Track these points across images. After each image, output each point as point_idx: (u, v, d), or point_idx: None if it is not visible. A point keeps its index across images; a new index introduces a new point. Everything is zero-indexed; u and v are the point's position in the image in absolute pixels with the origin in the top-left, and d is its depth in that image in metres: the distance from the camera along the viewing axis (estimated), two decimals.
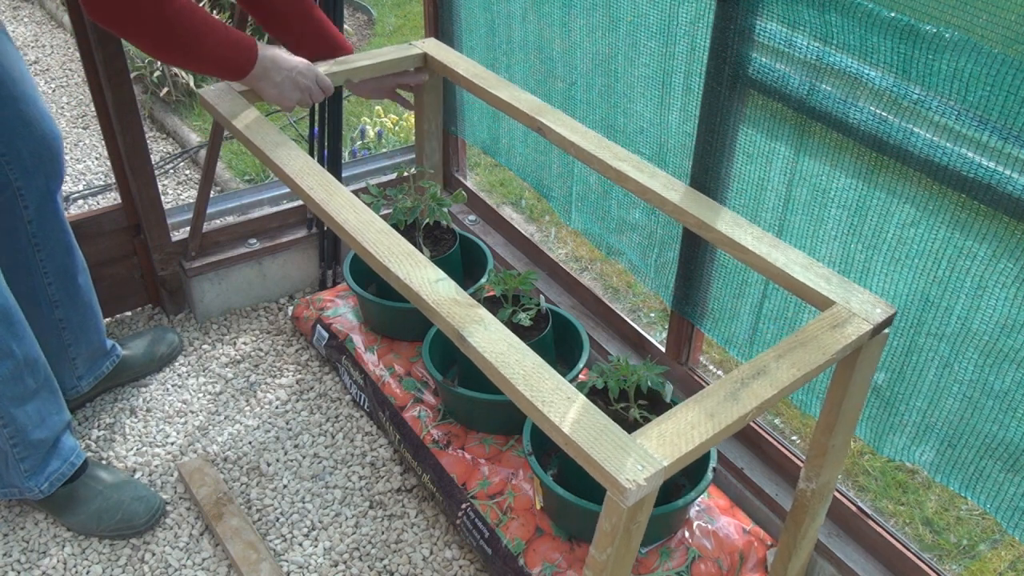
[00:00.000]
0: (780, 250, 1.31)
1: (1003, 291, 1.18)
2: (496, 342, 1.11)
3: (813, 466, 1.35)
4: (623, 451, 0.97)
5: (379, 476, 1.91)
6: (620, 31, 1.68)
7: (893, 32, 1.15)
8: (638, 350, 2.01)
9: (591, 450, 0.97)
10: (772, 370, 1.09)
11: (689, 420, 1.02)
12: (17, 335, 1.61)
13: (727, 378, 1.08)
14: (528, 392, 1.04)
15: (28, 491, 1.70)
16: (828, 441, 1.30)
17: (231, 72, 1.56)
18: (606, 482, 0.96)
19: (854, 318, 1.19)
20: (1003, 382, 1.23)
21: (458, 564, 1.73)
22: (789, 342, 1.14)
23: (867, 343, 1.20)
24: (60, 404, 1.73)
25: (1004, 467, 1.27)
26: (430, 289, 1.20)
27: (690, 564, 1.57)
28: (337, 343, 2.11)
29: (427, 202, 2.02)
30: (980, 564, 1.78)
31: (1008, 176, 1.10)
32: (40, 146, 1.68)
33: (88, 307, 1.90)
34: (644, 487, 0.94)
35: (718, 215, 1.38)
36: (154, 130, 3.27)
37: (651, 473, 0.95)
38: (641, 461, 0.96)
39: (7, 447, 1.64)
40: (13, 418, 1.63)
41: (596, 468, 0.96)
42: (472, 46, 2.22)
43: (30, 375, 1.64)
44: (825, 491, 1.39)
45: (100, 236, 2.13)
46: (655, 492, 0.99)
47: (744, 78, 1.42)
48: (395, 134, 3.07)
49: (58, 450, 1.72)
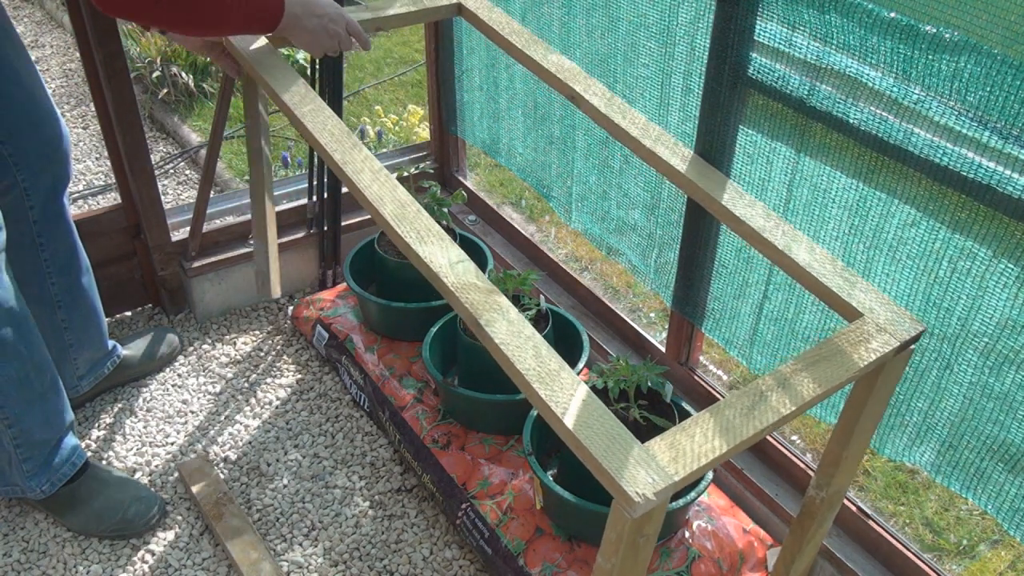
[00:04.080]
0: (801, 244, 1.25)
1: (1003, 291, 1.18)
2: (515, 334, 1.07)
3: (825, 475, 1.31)
4: (635, 462, 0.94)
5: (379, 476, 1.91)
6: (620, 31, 1.68)
7: (893, 32, 1.15)
8: (638, 350, 2.01)
9: (603, 459, 0.94)
10: (793, 385, 1.05)
11: (704, 433, 0.99)
12: (26, 338, 1.61)
13: (746, 390, 1.04)
14: (543, 391, 1.01)
15: (30, 491, 1.70)
16: (842, 452, 1.26)
17: (262, 24, 1.44)
18: (615, 492, 0.94)
19: (882, 333, 1.14)
20: (1003, 383, 1.23)
21: (458, 564, 1.73)
22: (812, 355, 1.10)
23: (892, 360, 1.15)
24: (64, 405, 1.73)
25: (1004, 468, 1.27)
26: (449, 270, 1.14)
27: (690, 564, 1.57)
28: (337, 343, 2.11)
29: (427, 202, 2.02)
30: (980, 564, 1.78)
31: (1008, 176, 1.10)
32: (47, 147, 1.68)
33: (91, 308, 1.90)
34: (653, 501, 0.92)
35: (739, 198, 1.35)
36: (154, 130, 3.27)
37: (661, 487, 0.92)
38: (653, 474, 0.93)
39: (11, 447, 1.64)
40: (19, 419, 1.63)
41: (606, 477, 0.94)
42: (472, 46, 2.22)
43: (37, 377, 1.64)
44: (835, 500, 1.36)
45: (100, 236, 2.13)
46: (664, 505, 0.97)
47: (744, 78, 1.42)
48: (395, 134, 3.07)
49: (60, 450, 1.72)
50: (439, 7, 1.73)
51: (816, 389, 1.05)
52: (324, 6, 1.51)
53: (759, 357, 1.64)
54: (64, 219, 1.78)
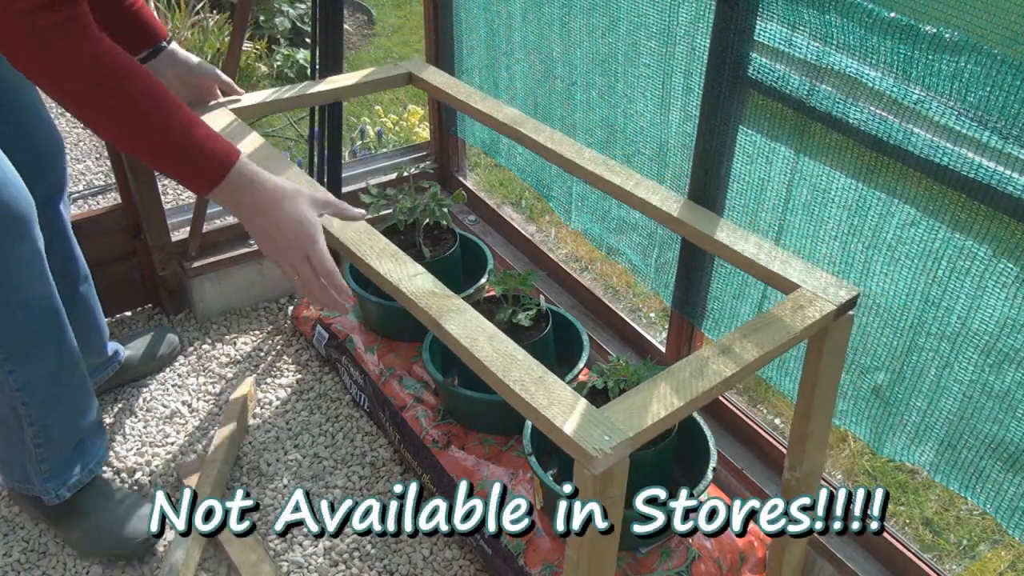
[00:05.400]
0: (747, 240, 1.35)
1: (1003, 291, 1.18)
2: (471, 328, 1.14)
3: (795, 453, 1.38)
4: (591, 423, 1.00)
5: (379, 476, 1.91)
6: (620, 31, 1.68)
7: (893, 32, 1.15)
8: (638, 350, 2.01)
9: (562, 424, 1.00)
10: (736, 350, 1.13)
11: (656, 394, 1.06)
12: (58, 338, 1.59)
13: (694, 356, 1.12)
14: (502, 373, 1.08)
15: (44, 493, 1.67)
16: (807, 427, 1.33)
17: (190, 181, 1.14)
18: (575, 453, 0.99)
19: (817, 300, 1.22)
20: (1003, 382, 1.23)
21: (458, 564, 1.73)
22: (754, 323, 1.18)
23: (832, 324, 1.22)
24: (90, 404, 1.70)
25: (1004, 467, 1.27)
26: (409, 283, 1.23)
27: (690, 564, 1.57)
28: (337, 343, 2.12)
29: (427, 202, 2.02)
30: (980, 564, 1.78)
31: (1008, 176, 1.10)
32: (40, 156, 1.67)
33: (90, 314, 1.89)
34: (611, 455, 0.97)
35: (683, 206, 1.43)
36: None
37: (617, 442, 0.98)
38: (608, 432, 0.99)
39: (31, 446, 1.62)
40: (41, 417, 1.60)
41: (566, 440, 1.00)
42: (472, 46, 2.22)
43: (67, 376, 1.62)
44: (811, 480, 1.40)
45: (100, 236, 2.13)
46: (625, 465, 1.01)
47: (744, 78, 1.42)
48: (395, 134, 3.07)
49: (81, 454, 1.69)
50: (391, 77, 1.82)
51: (756, 352, 1.13)
52: (283, 223, 1.12)
53: None
54: (61, 226, 1.76)
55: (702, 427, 1.65)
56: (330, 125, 2.15)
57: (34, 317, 1.54)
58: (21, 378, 1.55)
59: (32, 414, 1.59)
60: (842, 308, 1.22)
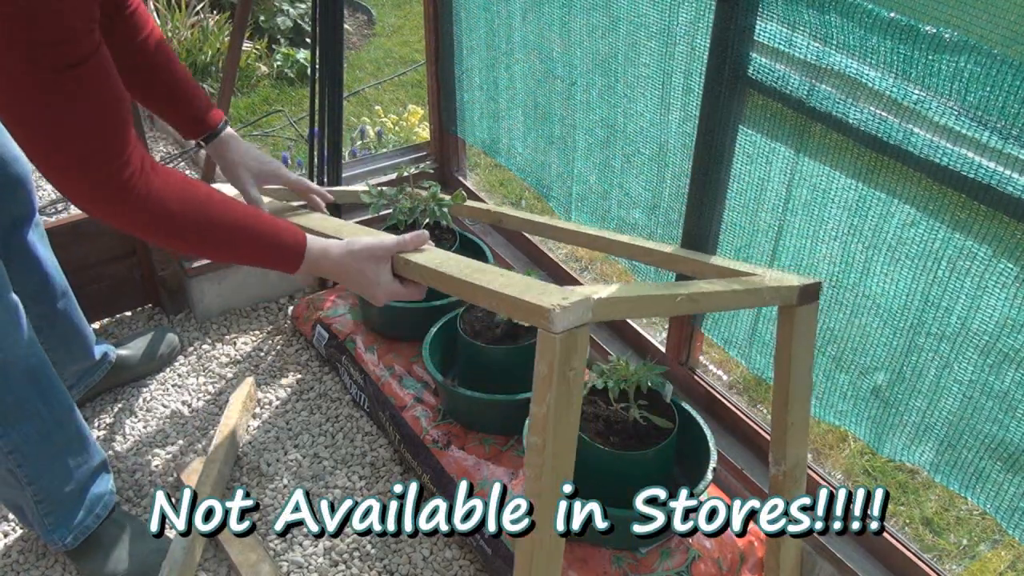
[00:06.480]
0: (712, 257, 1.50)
1: (1003, 291, 1.18)
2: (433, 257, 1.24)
3: (778, 446, 1.39)
4: (551, 291, 1.02)
5: (379, 476, 1.91)
6: (620, 31, 1.68)
7: (893, 32, 1.15)
8: (638, 350, 2.01)
9: (520, 295, 1.01)
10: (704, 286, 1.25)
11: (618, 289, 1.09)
12: (45, 394, 1.56)
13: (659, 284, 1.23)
14: (464, 276, 1.13)
15: (52, 543, 1.65)
16: (786, 418, 1.35)
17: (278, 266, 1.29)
18: (533, 314, 0.99)
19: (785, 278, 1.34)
20: (1003, 382, 1.23)
21: (458, 564, 1.73)
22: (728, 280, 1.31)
23: (797, 309, 1.29)
24: (88, 453, 1.66)
25: (1004, 467, 1.27)
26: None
27: (690, 564, 1.57)
28: (337, 343, 2.12)
29: (427, 202, 2.02)
30: (980, 564, 1.78)
31: (1008, 176, 1.10)
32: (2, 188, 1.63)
33: (71, 327, 1.87)
34: (570, 310, 0.95)
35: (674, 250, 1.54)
36: (154, 130, 3.27)
37: (576, 299, 0.97)
38: (566, 295, 1.00)
39: (32, 503, 1.60)
40: (39, 476, 1.58)
41: (525, 307, 1.00)
42: (472, 46, 2.22)
43: (59, 433, 1.59)
44: (796, 473, 1.41)
45: (100, 236, 2.13)
46: (586, 333, 1.00)
47: (744, 78, 1.42)
48: (395, 134, 3.07)
49: (85, 501, 1.66)
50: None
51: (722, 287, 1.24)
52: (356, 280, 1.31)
53: (758, 357, 1.64)
54: (30, 253, 1.72)
55: (702, 427, 1.65)
56: (330, 125, 2.15)
57: (15, 378, 1.50)
58: (11, 441, 1.52)
59: (29, 474, 1.56)
60: (806, 291, 1.30)
